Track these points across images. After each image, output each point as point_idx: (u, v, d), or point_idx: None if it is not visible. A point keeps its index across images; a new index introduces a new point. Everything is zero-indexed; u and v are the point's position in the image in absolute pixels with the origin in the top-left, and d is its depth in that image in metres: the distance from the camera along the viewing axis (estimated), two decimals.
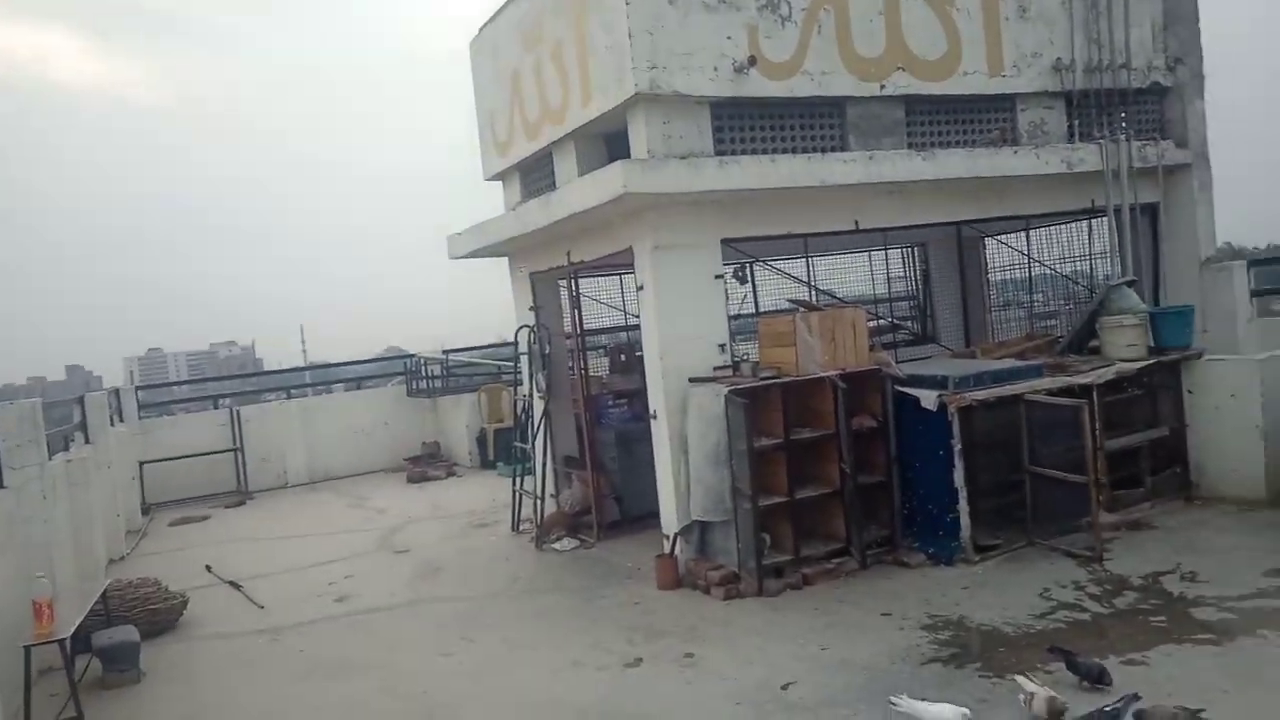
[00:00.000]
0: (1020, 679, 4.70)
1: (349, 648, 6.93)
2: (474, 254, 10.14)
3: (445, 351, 17.43)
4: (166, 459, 14.47)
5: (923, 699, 4.62)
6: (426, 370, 17.07)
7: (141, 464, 14.14)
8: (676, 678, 5.67)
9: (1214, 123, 9.69)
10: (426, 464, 15.29)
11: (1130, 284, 8.76)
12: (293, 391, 18.77)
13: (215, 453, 14.96)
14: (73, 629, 6.08)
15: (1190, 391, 8.32)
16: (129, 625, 6.98)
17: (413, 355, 17.96)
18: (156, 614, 7.62)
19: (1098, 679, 4.78)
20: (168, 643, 7.44)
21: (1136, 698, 4.43)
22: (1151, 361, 8.19)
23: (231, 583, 9.05)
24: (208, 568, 9.70)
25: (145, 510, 13.77)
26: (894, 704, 4.62)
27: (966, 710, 4.32)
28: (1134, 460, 8.27)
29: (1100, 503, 7.43)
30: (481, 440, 15.23)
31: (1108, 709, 4.19)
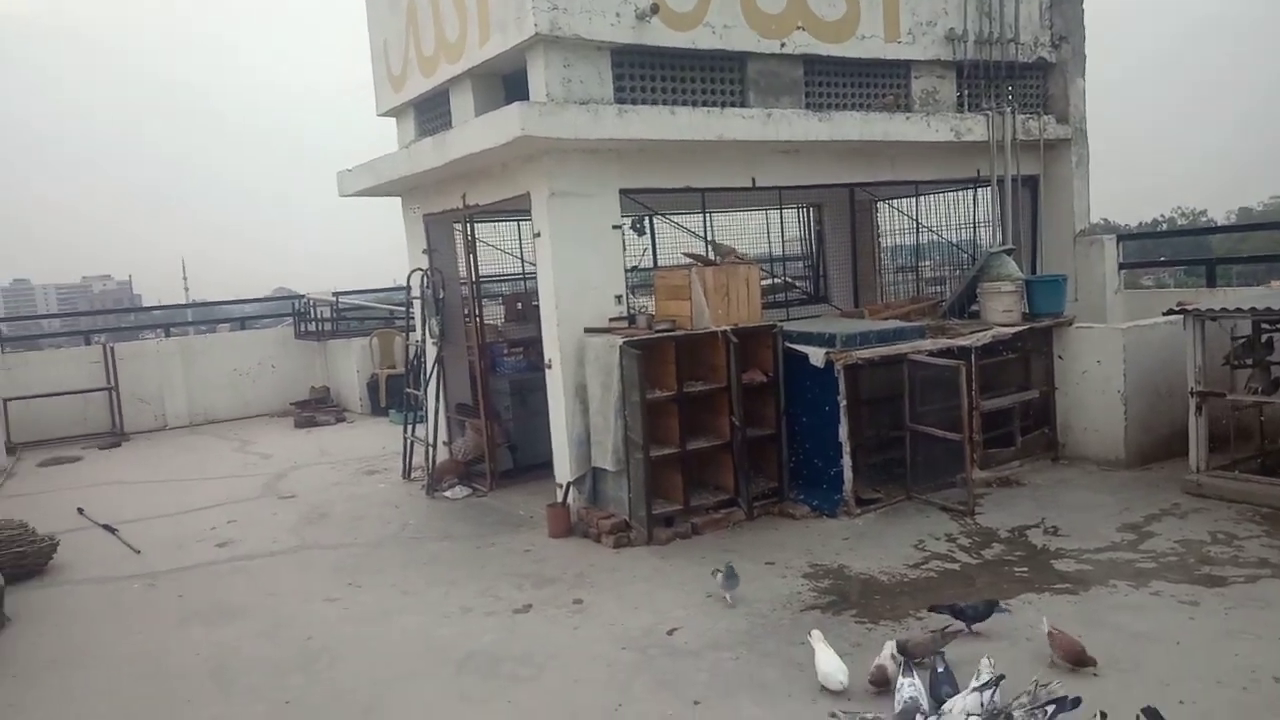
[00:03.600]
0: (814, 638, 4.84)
1: (229, 593, 6.76)
2: (365, 193, 9.84)
3: (336, 294, 16.94)
4: (34, 396, 13.72)
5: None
6: (316, 312, 16.56)
7: (5, 401, 13.39)
8: (564, 623, 5.74)
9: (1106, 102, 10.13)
10: (315, 409, 14.92)
11: (1009, 252, 9.14)
12: (173, 330, 18.00)
13: (87, 391, 14.23)
14: None
15: (1060, 357, 8.77)
16: None
17: (302, 296, 17.39)
18: (23, 557, 7.24)
19: (986, 614, 5.05)
20: (35, 587, 7.11)
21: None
22: (1025, 327, 8.59)
23: (105, 526, 8.69)
24: (80, 510, 9.26)
25: (11, 450, 13.03)
26: (809, 638, 4.83)
27: (844, 675, 4.52)
28: (1007, 420, 8.70)
29: (974, 460, 7.81)
30: (373, 386, 14.93)
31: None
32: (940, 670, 4.37)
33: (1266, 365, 7.58)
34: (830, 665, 4.57)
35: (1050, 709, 3.92)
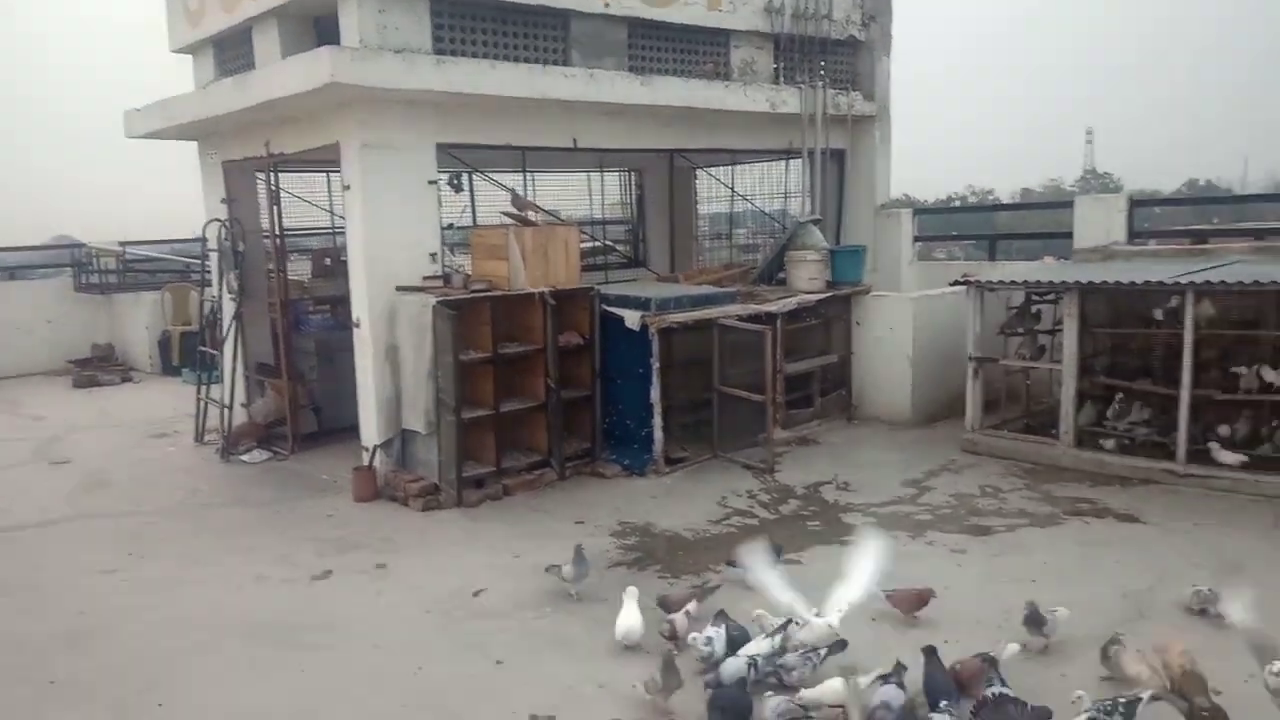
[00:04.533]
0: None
1: None
2: (156, 135, 9.09)
3: (123, 244, 15.60)
4: None
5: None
6: (100, 264, 15.23)
7: None
8: (367, 589, 5.60)
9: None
10: (97, 368, 13.76)
11: (816, 222, 9.55)
12: None
13: None
14: None
15: (858, 323, 9.27)
16: None
17: (83, 245, 15.92)
18: None
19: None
20: None
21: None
22: (828, 294, 9.02)
23: None
24: None
25: None
26: (625, 594, 4.82)
27: (639, 630, 4.62)
28: (807, 383, 9.14)
29: (776, 420, 8.17)
30: (164, 344, 13.92)
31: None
32: (734, 621, 4.55)
33: (1035, 334, 8.31)
34: (626, 622, 4.65)
35: (823, 652, 4.26)
